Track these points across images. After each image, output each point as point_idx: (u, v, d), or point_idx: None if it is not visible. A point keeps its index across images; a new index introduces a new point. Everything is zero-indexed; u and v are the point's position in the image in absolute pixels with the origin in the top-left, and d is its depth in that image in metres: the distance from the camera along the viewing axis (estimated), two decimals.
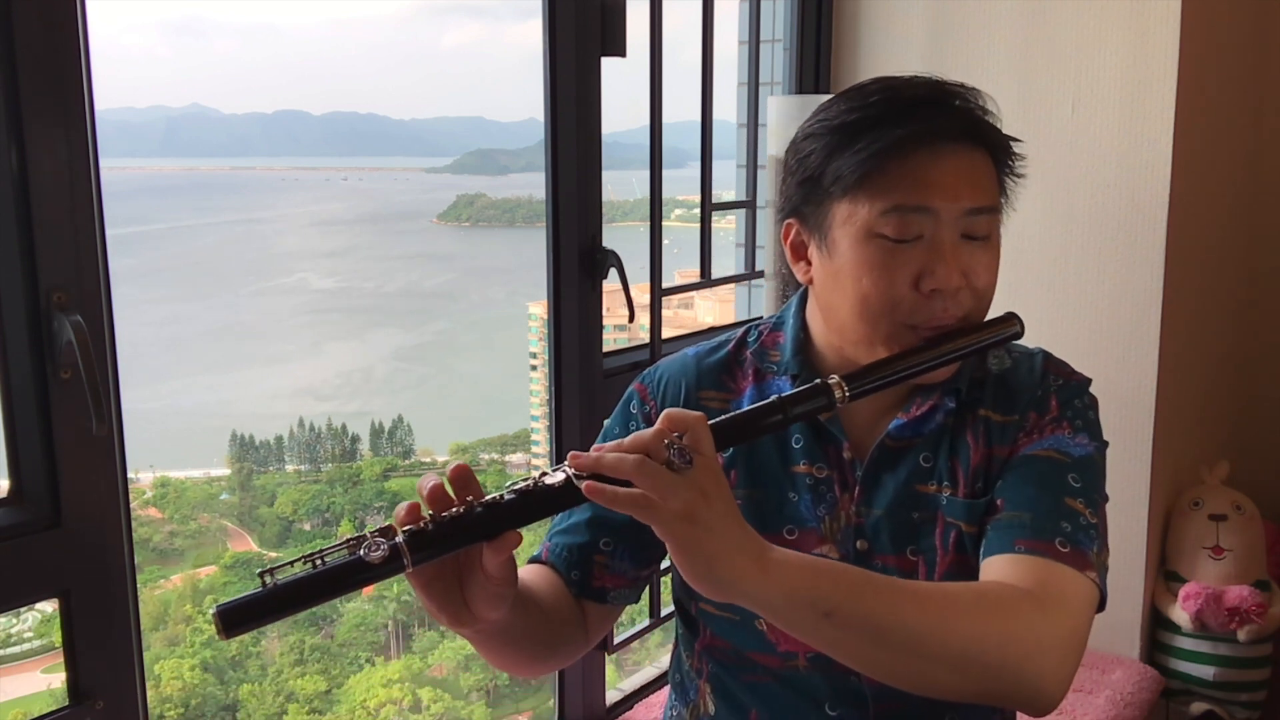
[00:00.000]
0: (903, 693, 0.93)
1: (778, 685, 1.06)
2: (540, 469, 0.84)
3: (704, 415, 0.83)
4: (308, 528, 10.04)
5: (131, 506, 1.23)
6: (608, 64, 1.74)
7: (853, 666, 0.87)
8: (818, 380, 0.89)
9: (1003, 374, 1.06)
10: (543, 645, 1.02)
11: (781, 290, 2.07)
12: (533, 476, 0.82)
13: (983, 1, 2.14)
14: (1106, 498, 1.02)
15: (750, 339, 1.13)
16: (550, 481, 0.81)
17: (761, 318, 1.16)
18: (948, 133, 0.96)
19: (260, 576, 0.76)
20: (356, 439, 10.99)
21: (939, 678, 0.84)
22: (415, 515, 0.79)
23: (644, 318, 1.88)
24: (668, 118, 1.85)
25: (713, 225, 2.09)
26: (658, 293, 1.92)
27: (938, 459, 1.03)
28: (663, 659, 2.01)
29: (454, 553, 0.81)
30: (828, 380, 0.89)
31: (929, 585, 0.92)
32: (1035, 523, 0.95)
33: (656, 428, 0.81)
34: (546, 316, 1.80)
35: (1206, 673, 2.12)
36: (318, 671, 8.52)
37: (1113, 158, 2.02)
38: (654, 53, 1.84)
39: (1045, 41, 2.07)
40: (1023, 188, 1.05)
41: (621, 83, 1.88)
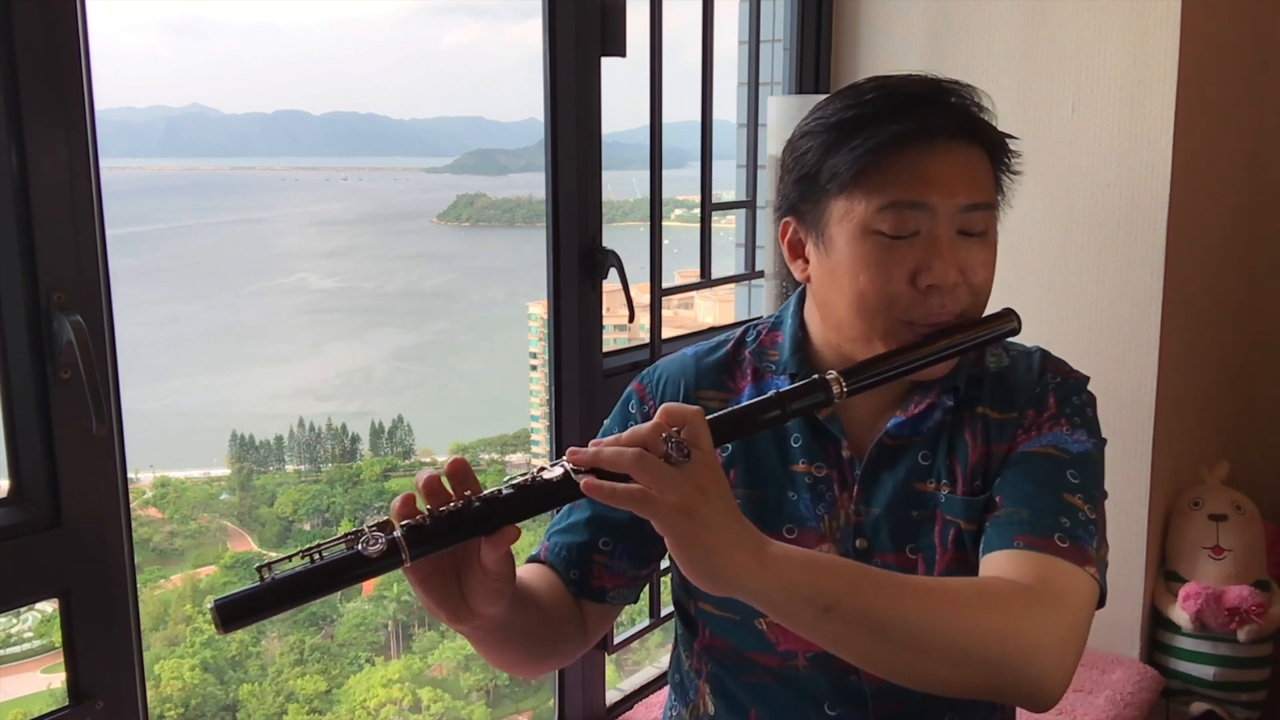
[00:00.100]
0: (903, 692, 0.93)
1: (777, 685, 1.06)
2: (539, 466, 0.84)
3: (701, 410, 0.83)
4: (308, 528, 10.03)
5: (131, 506, 1.23)
6: (608, 64, 1.74)
7: (853, 662, 0.86)
8: (815, 376, 0.89)
9: (1000, 372, 1.06)
10: (541, 644, 1.02)
11: (781, 290, 2.07)
12: (531, 472, 0.82)
13: (983, 1, 2.14)
14: (1105, 494, 1.02)
15: (749, 339, 1.13)
16: (548, 476, 0.81)
17: (761, 317, 1.16)
18: (943, 129, 0.96)
19: (258, 571, 0.76)
20: (356, 439, 10.98)
21: (939, 673, 0.84)
22: (410, 507, 0.79)
23: (644, 318, 1.88)
24: (668, 118, 1.85)
25: (713, 225, 2.09)
26: (658, 293, 1.92)
27: (936, 457, 1.03)
28: (663, 659, 2.01)
29: (452, 547, 0.81)
30: (825, 376, 0.89)
31: (929, 580, 0.92)
32: (1034, 518, 0.95)
33: (654, 422, 0.81)
34: (546, 316, 1.80)
35: (1206, 673, 2.12)
36: (318, 671, 8.52)
37: (1113, 158, 2.02)
38: (654, 53, 1.84)
39: (1045, 41, 2.07)
40: (1023, 188, 1.05)
41: (621, 83, 1.88)
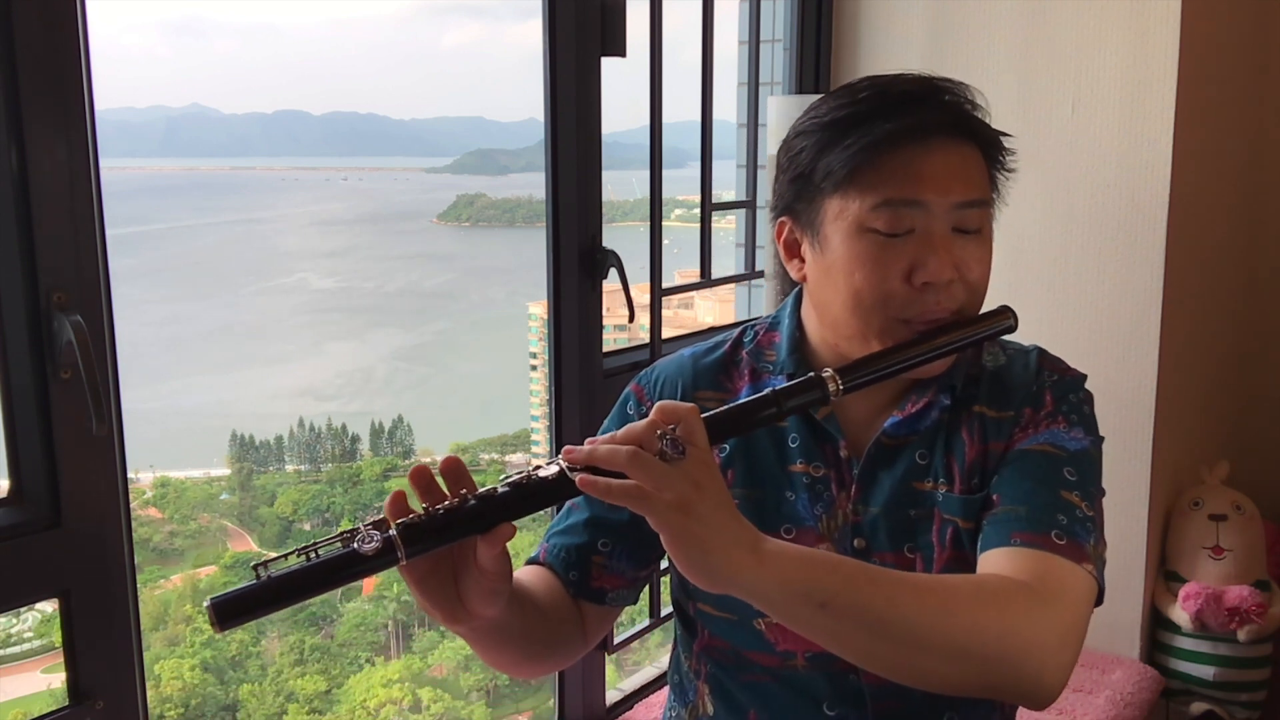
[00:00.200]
0: (902, 691, 0.93)
1: (776, 685, 1.05)
2: (535, 464, 0.84)
3: (696, 407, 0.83)
4: (308, 528, 10.02)
5: (131, 506, 1.23)
6: (608, 64, 1.74)
7: (850, 659, 0.86)
8: (811, 374, 0.89)
9: (997, 370, 1.06)
10: (540, 645, 1.02)
11: (781, 290, 2.07)
12: (527, 470, 0.82)
13: (983, 1, 2.14)
14: (1103, 491, 1.02)
15: (746, 339, 1.13)
16: (544, 474, 0.81)
17: (759, 318, 1.16)
18: (937, 126, 0.96)
19: (254, 569, 0.76)
20: (356, 439, 10.97)
21: (937, 670, 0.84)
22: (402, 504, 0.80)
23: (644, 318, 1.88)
24: (668, 118, 1.86)
25: (713, 225, 2.09)
26: (658, 293, 1.92)
27: (933, 456, 1.04)
28: (663, 659, 2.01)
29: (448, 545, 0.81)
30: (821, 374, 0.89)
31: (927, 577, 0.92)
32: (1031, 516, 0.95)
33: (649, 419, 0.81)
34: (546, 316, 1.80)
35: (1206, 673, 2.12)
36: (318, 671, 8.51)
37: (1113, 158, 2.02)
38: (654, 53, 1.84)
39: (1045, 41, 2.07)
40: (1023, 188, 1.05)
41: (621, 83, 1.88)
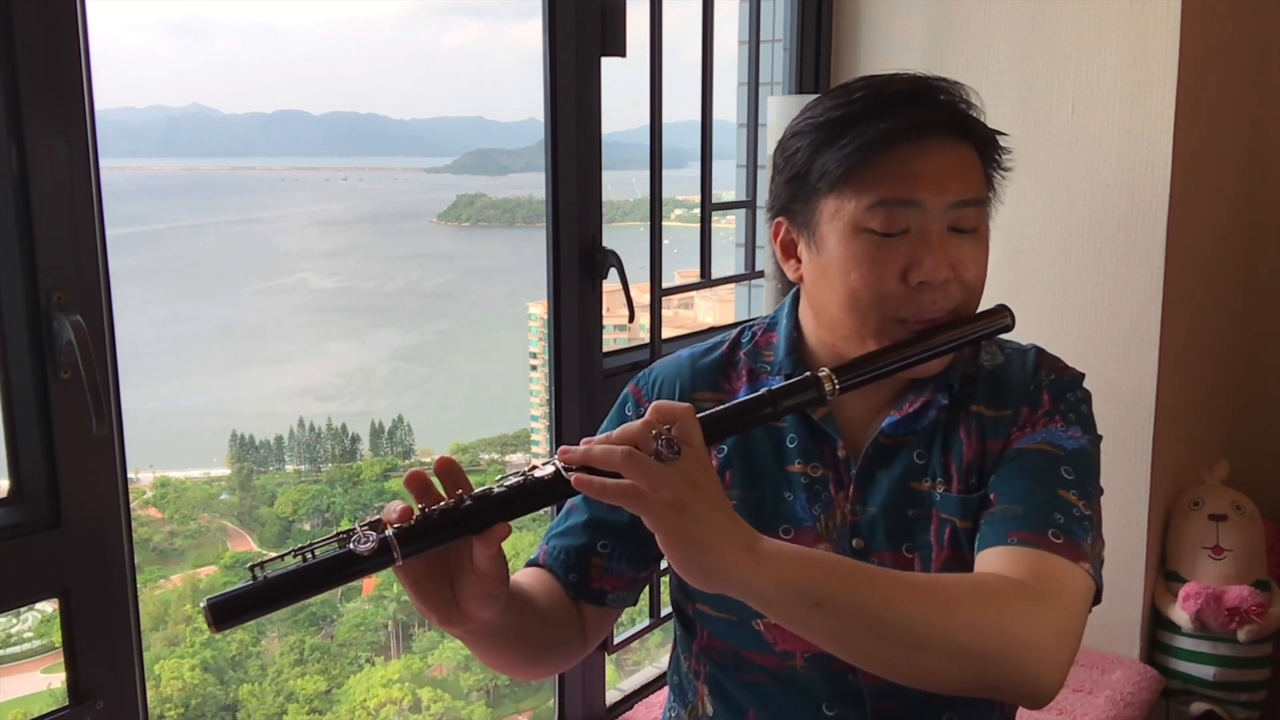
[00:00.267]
0: (901, 691, 0.93)
1: (775, 685, 1.05)
2: (531, 464, 0.84)
3: (691, 407, 0.83)
4: (308, 528, 10.02)
5: (131, 506, 1.23)
6: (608, 64, 1.74)
7: (847, 658, 0.86)
8: (807, 374, 0.89)
9: (995, 369, 1.06)
10: (539, 647, 1.02)
11: (781, 290, 2.07)
12: (523, 470, 0.82)
13: (983, 1, 2.14)
14: (1101, 490, 1.01)
15: (744, 340, 1.13)
16: (540, 475, 0.81)
17: (757, 318, 1.16)
18: (932, 126, 0.96)
19: (250, 570, 0.76)
20: (356, 439, 10.97)
21: (935, 669, 0.84)
22: (407, 517, 0.79)
23: (644, 318, 1.88)
24: (668, 118, 1.86)
25: (713, 225, 2.09)
26: (658, 293, 1.92)
27: (931, 455, 1.04)
28: (663, 659, 2.01)
29: (444, 546, 0.80)
30: (818, 373, 0.89)
31: (923, 576, 0.92)
32: (1028, 514, 0.95)
33: (644, 419, 0.81)
34: (546, 316, 1.80)
35: (1206, 673, 2.12)
36: (318, 671, 8.51)
37: (1113, 158, 2.02)
38: (654, 53, 1.84)
39: (1045, 41, 2.07)
40: (1023, 187, 1.05)
41: (621, 83, 1.88)
